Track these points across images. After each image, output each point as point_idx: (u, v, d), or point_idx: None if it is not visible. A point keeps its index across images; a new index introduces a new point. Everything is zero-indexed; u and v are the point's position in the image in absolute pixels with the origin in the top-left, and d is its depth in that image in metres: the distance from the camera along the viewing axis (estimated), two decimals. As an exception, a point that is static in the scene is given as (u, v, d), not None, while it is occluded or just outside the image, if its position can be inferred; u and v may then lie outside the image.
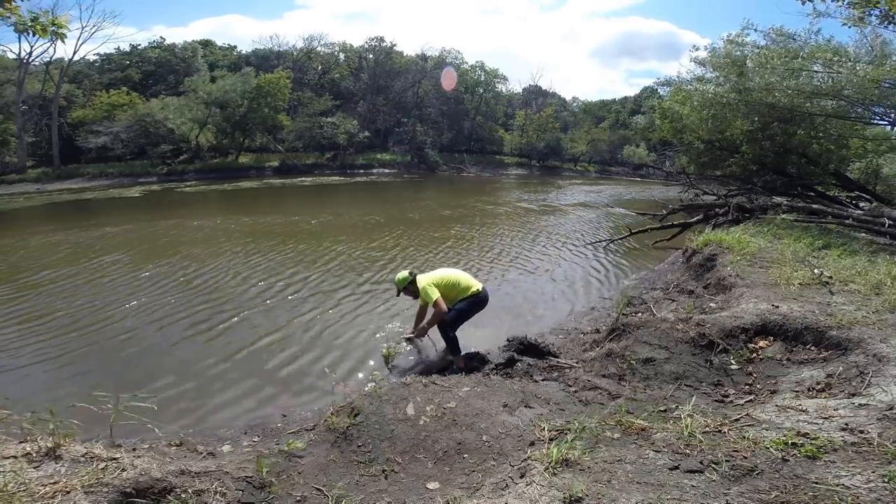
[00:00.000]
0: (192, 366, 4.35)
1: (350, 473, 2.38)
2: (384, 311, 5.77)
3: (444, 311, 4.03)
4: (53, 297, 6.18)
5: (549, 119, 44.63)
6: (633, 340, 3.79)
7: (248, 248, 9.09)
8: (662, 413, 2.76)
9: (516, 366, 3.95)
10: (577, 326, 5.25)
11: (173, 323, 5.35)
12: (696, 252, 6.90)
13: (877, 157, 12.93)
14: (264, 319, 5.48)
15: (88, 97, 30.75)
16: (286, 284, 6.81)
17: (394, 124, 39.69)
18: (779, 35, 9.50)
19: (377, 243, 9.65)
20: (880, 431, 2.11)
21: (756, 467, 1.90)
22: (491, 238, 10.81)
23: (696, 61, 11.53)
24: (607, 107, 55.24)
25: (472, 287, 4.23)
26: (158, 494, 1.91)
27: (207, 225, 11.91)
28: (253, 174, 29.91)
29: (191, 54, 37.72)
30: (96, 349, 4.67)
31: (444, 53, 43.59)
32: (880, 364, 2.96)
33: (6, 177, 24.05)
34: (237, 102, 29.66)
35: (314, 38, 40.99)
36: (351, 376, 4.18)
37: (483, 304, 4.31)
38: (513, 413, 2.83)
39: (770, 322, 3.81)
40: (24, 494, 1.75)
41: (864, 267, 5.13)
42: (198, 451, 2.65)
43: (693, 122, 11.81)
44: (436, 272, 4.36)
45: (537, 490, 1.86)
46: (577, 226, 13.23)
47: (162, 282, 6.88)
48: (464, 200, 18.63)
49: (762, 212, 10.14)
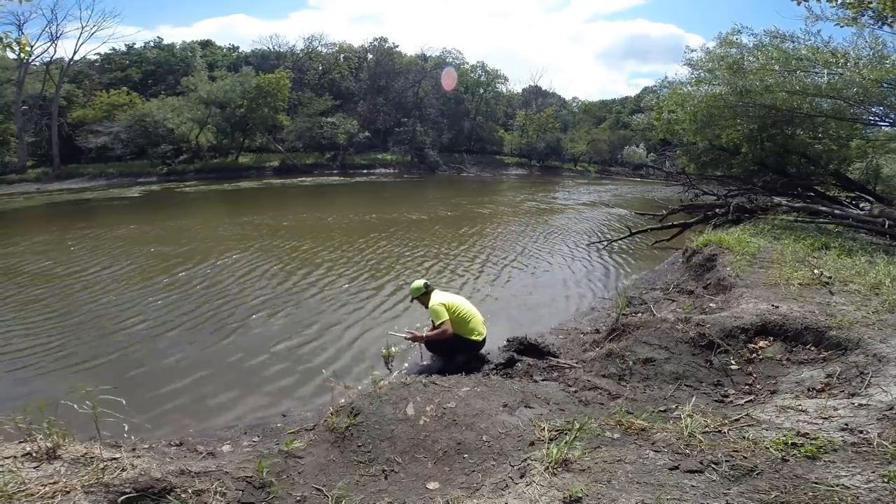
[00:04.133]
0: (192, 366, 4.34)
1: (350, 473, 2.38)
2: (384, 311, 5.77)
3: (448, 337, 4.01)
4: (53, 299, 6.18)
5: (550, 119, 44.64)
6: (633, 340, 3.79)
7: (246, 248, 9.09)
8: (662, 413, 2.76)
9: (516, 366, 3.94)
10: (577, 326, 5.25)
11: (173, 323, 5.35)
12: (696, 252, 6.90)
13: (877, 157, 12.95)
14: (263, 320, 5.48)
15: (88, 97, 30.76)
16: (285, 285, 6.81)
17: (394, 124, 39.68)
18: (774, 36, 9.49)
19: (377, 244, 9.65)
20: (880, 431, 2.11)
21: (756, 467, 1.90)
22: (491, 238, 10.81)
23: (689, 63, 11.52)
24: (608, 107, 55.23)
25: (477, 331, 4.15)
26: (158, 494, 1.91)
27: (206, 225, 11.91)
28: (253, 174, 29.93)
29: (190, 54, 37.72)
30: (96, 350, 4.67)
31: (444, 53, 43.67)
32: (880, 364, 2.96)
33: (6, 177, 24.06)
34: (237, 102, 29.66)
35: (314, 38, 41.08)
36: (351, 376, 4.18)
37: (477, 352, 4.28)
38: (513, 413, 2.83)
39: (770, 322, 3.81)
40: (23, 494, 1.75)
41: (863, 267, 5.13)
42: (198, 451, 2.65)
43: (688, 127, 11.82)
44: (453, 297, 4.30)
45: (537, 490, 1.86)
46: (576, 226, 13.23)
47: (162, 282, 6.88)
48: (463, 201, 18.63)
49: (762, 212, 10.15)
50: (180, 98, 29.80)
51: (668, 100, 12.42)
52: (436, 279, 7.08)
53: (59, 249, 9.10)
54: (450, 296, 4.34)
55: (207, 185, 24.14)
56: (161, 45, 38.63)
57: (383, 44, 42.03)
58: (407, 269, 7.73)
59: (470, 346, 4.14)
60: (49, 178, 25.10)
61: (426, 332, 4.25)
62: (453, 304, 4.16)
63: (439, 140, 40.51)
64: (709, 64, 10.79)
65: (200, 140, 29.86)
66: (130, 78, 34.54)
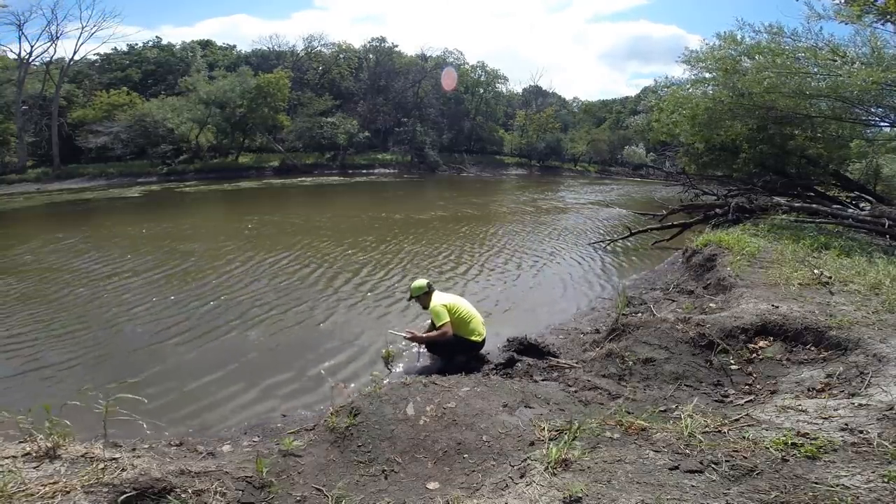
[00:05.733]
0: (193, 367, 4.34)
1: (350, 473, 2.38)
2: (384, 311, 5.77)
3: (448, 338, 4.01)
4: (48, 295, 6.19)
5: (550, 119, 44.63)
6: (632, 341, 3.79)
7: (247, 248, 9.09)
8: (662, 413, 2.76)
9: (516, 366, 3.94)
10: (577, 326, 5.25)
11: (173, 324, 5.35)
12: (695, 252, 6.90)
13: (877, 157, 12.95)
14: (263, 321, 5.48)
15: (88, 97, 30.75)
16: (285, 285, 6.81)
17: (394, 124, 39.67)
18: (775, 34, 9.46)
19: (377, 244, 9.64)
20: (880, 431, 2.11)
21: (756, 467, 1.90)
22: (491, 238, 10.80)
23: (687, 61, 11.49)
24: (608, 107, 55.20)
25: (477, 332, 4.15)
26: (158, 494, 1.91)
27: (206, 225, 11.92)
28: (253, 174, 29.92)
29: (190, 54, 37.72)
30: (96, 349, 4.67)
31: (445, 53, 43.68)
32: (880, 364, 2.95)
33: (6, 177, 24.06)
34: (236, 102, 29.65)
35: (314, 38, 41.06)
36: (351, 376, 4.18)
37: (477, 352, 4.28)
38: (513, 413, 2.83)
39: (770, 322, 3.81)
40: (23, 494, 1.75)
41: (863, 267, 5.13)
42: (198, 451, 2.65)
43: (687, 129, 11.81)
44: (453, 298, 4.30)
45: (537, 490, 1.86)
46: (576, 226, 13.22)
47: (162, 282, 6.88)
48: (463, 201, 18.62)
49: (762, 212, 10.15)
50: (180, 98, 29.79)
51: (668, 101, 12.41)
52: (436, 279, 7.08)
53: (60, 250, 9.09)
54: (450, 296, 4.34)
55: (207, 185, 24.14)
56: (161, 45, 38.63)
57: (382, 43, 42.01)
58: (407, 269, 7.72)
59: (470, 346, 4.14)
60: (49, 178, 25.10)
61: (426, 333, 4.25)
62: (454, 305, 4.16)
63: (439, 140, 40.49)
64: (706, 62, 10.76)
65: (200, 140, 29.86)
66: (130, 78, 34.54)
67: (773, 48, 9.17)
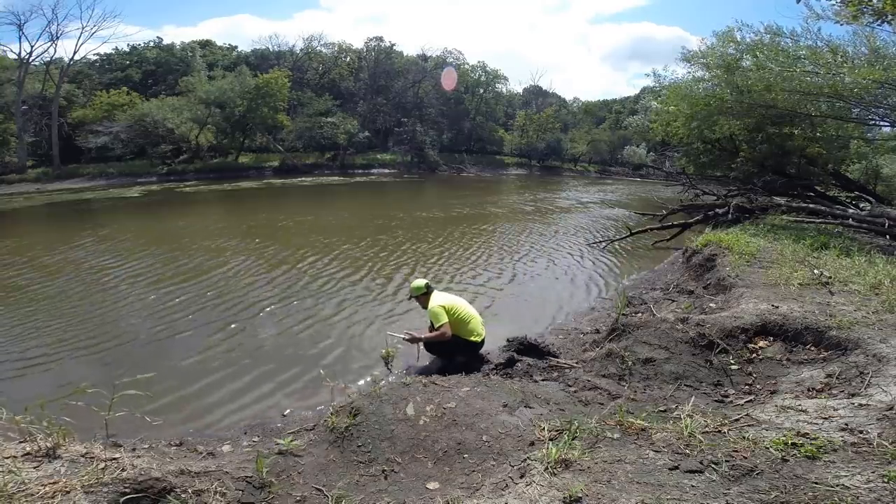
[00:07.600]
0: (193, 367, 4.35)
1: (350, 473, 2.37)
2: (384, 311, 5.77)
3: (447, 339, 4.01)
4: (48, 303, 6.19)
5: (550, 119, 44.60)
6: (632, 341, 3.79)
7: (246, 248, 9.09)
8: (662, 413, 2.75)
9: (516, 366, 3.94)
10: (577, 326, 5.25)
11: (173, 324, 5.35)
12: (695, 252, 6.90)
13: (877, 157, 12.96)
14: (264, 321, 5.49)
15: (88, 97, 30.71)
16: (285, 286, 6.81)
17: (394, 124, 39.64)
18: (774, 34, 9.46)
19: (377, 244, 9.64)
20: (880, 431, 2.11)
21: (756, 467, 1.90)
22: (491, 238, 10.80)
23: (687, 60, 11.48)
24: (608, 107, 55.15)
25: (476, 332, 4.15)
26: (158, 494, 1.91)
27: (207, 224, 11.91)
28: (253, 174, 29.89)
29: (190, 54, 37.70)
30: (95, 350, 4.67)
31: (445, 53, 43.64)
32: (880, 364, 2.95)
33: (6, 176, 24.02)
34: (236, 102, 29.64)
35: (314, 38, 41.05)
36: (351, 376, 4.18)
37: (476, 352, 4.28)
38: (513, 413, 2.83)
39: (770, 322, 3.81)
40: (23, 494, 1.75)
41: (863, 267, 5.13)
42: (198, 450, 2.65)
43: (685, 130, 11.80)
44: (452, 299, 4.30)
45: (537, 490, 1.86)
46: (577, 225, 13.23)
47: (160, 282, 6.88)
48: (463, 201, 18.62)
49: (762, 212, 10.16)
50: (180, 98, 29.76)
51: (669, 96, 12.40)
52: (436, 279, 7.08)
53: (60, 250, 9.09)
54: (449, 297, 4.33)
55: (207, 184, 24.12)
56: (161, 45, 38.62)
57: (380, 43, 42.00)
58: (407, 269, 7.73)
59: (469, 346, 4.14)
60: (49, 178, 25.06)
61: (425, 334, 4.24)
62: (453, 305, 4.15)
63: (439, 140, 40.47)
64: (707, 59, 10.76)
65: (200, 140, 29.82)
66: (130, 78, 34.51)
67: (773, 47, 9.18)
